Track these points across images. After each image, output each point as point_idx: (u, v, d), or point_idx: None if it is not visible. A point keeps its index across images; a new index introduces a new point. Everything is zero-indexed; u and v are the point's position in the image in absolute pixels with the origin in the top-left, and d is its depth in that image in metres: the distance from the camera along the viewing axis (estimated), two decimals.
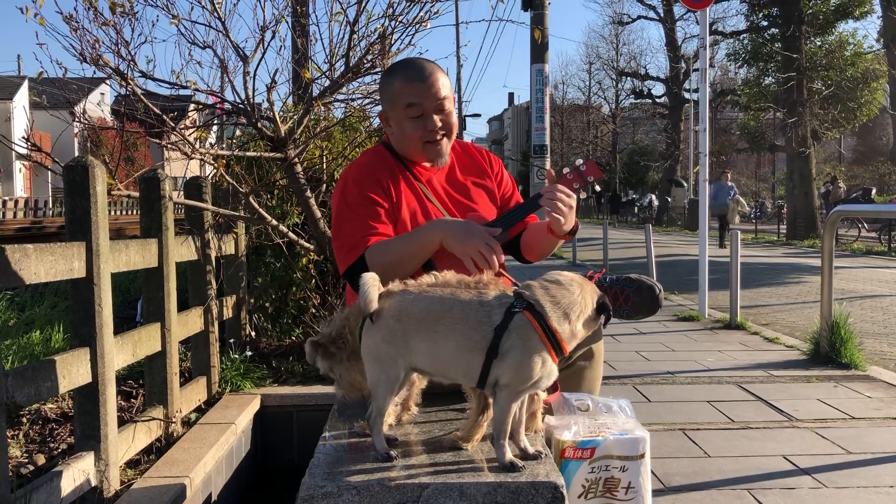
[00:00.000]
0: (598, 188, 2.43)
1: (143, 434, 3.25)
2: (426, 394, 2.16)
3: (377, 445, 1.79)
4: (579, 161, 2.38)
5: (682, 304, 8.40)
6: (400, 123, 2.43)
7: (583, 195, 2.37)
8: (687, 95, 36.61)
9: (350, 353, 1.98)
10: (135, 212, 19.44)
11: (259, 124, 4.41)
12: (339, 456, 1.86)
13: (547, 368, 1.74)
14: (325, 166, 5.10)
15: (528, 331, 1.72)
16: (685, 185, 34.04)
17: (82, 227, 2.76)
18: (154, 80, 4.24)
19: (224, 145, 5.82)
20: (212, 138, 5.45)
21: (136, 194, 3.67)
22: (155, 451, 3.33)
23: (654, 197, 38.65)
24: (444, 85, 2.42)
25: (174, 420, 3.51)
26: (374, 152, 2.56)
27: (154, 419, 3.36)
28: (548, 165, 15.64)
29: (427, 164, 2.53)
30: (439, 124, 2.41)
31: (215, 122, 5.26)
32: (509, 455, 1.74)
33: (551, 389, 2.09)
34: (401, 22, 4.43)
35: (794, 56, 21.31)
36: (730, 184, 19.42)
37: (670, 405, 4.26)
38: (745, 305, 7.76)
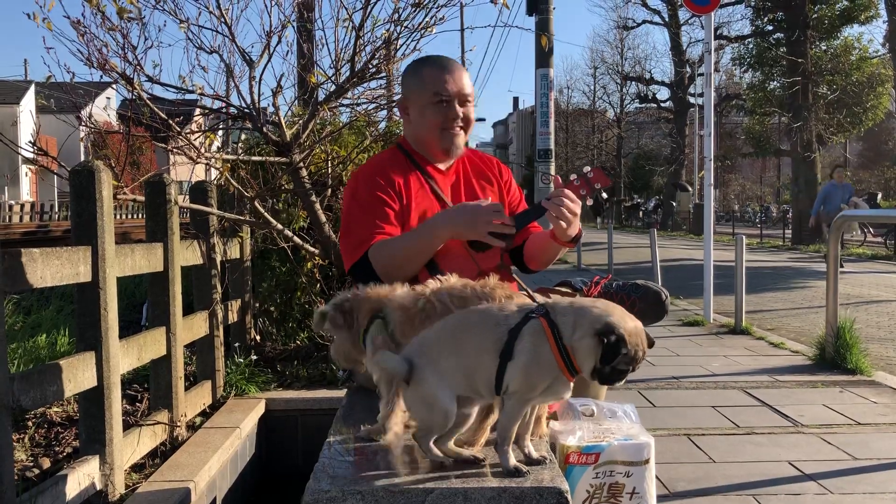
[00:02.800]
0: (604, 195, 2.42)
1: (148, 438, 3.25)
2: None
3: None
4: (586, 168, 2.38)
5: (688, 308, 8.39)
6: (422, 110, 2.48)
7: (589, 202, 2.36)
8: (692, 100, 36.53)
9: (350, 327, 1.98)
10: (140, 216, 19.50)
11: (264, 129, 4.42)
12: (343, 460, 1.86)
13: (556, 378, 1.69)
14: (330, 171, 5.11)
15: (540, 337, 1.67)
16: (690, 189, 33.98)
17: (88, 231, 2.77)
18: (160, 84, 4.27)
19: (230, 150, 5.84)
20: (217, 142, 5.46)
21: (142, 198, 3.68)
22: (160, 455, 3.34)
23: (658, 201, 38.59)
24: (469, 83, 2.52)
25: (179, 424, 3.51)
26: (388, 154, 2.60)
27: (159, 423, 3.37)
28: (552, 170, 15.63)
29: (441, 166, 2.55)
30: (461, 114, 2.48)
31: (221, 126, 5.28)
32: (513, 461, 1.73)
33: None
34: (406, 27, 4.45)
35: (800, 60, 21.29)
36: (845, 183, 15.69)
37: (675, 410, 4.25)
38: (750, 310, 7.75)
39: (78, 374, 2.64)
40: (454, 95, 2.46)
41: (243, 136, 6.13)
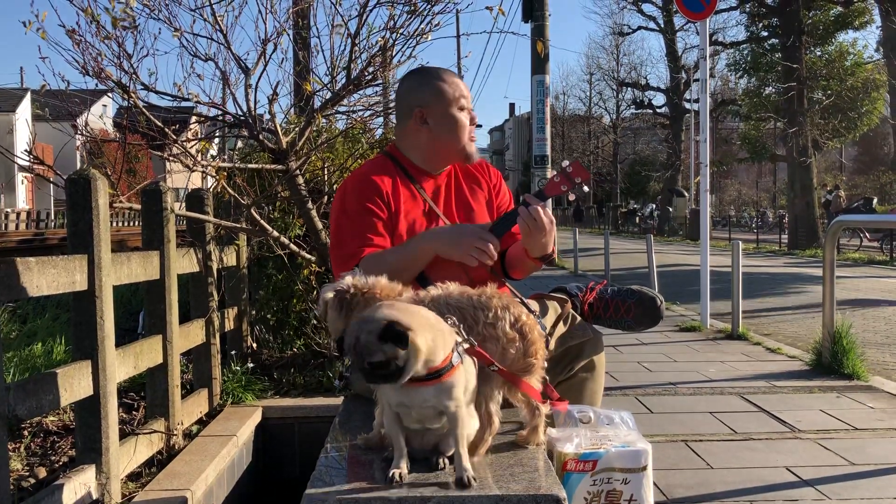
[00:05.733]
0: (586, 188, 2.42)
1: (145, 447, 3.24)
2: None
3: None
4: (565, 163, 2.39)
5: (684, 314, 8.39)
6: (450, 117, 2.49)
7: (571, 197, 2.38)
8: (687, 105, 36.64)
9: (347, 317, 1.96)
10: (136, 223, 19.48)
11: (261, 136, 4.42)
12: (340, 468, 1.86)
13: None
14: (326, 178, 5.11)
15: None
16: (686, 194, 34.03)
17: (84, 240, 2.76)
18: (156, 92, 4.27)
19: (226, 157, 5.84)
20: (213, 150, 5.46)
21: (138, 206, 3.68)
22: (156, 464, 3.33)
23: (654, 207, 38.67)
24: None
25: (175, 432, 3.50)
26: (376, 162, 2.59)
27: (155, 432, 3.36)
28: (548, 176, 15.68)
29: (432, 173, 2.55)
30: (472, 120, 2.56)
31: (217, 134, 5.28)
32: (393, 469, 1.72)
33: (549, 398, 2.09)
34: (402, 34, 4.45)
35: (795, 66, 21.34)
36: None
37: (672, 416, 4.25)
38: (746, 316, 7.76)
39: (74, 383, 2.64)
40: (469, 100, 2.54)
41: (239, 144, 6.13)
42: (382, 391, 1.74)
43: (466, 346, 1.78)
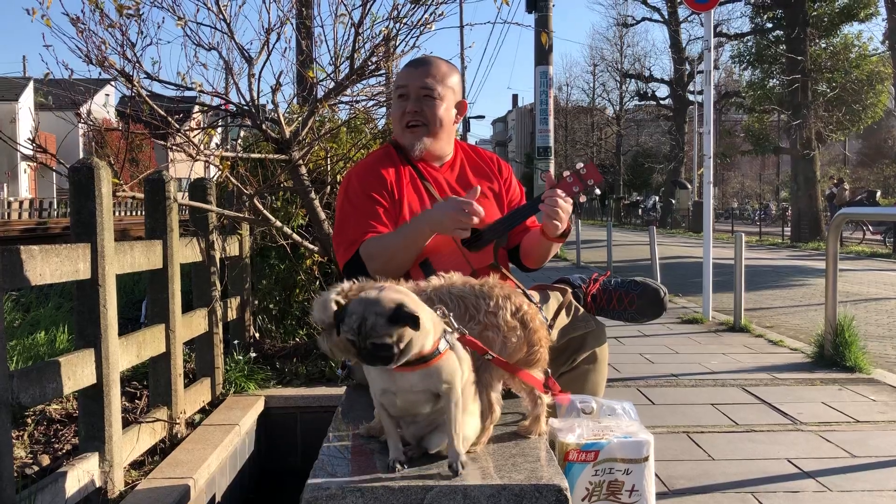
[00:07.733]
0: (598, 191, 2.41)
1: (148, 435, 3.25)
2: None
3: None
4: (580, 164, 2.38)
5: (686, 306, 8.39)
6: (392, 107, 2.56)
7: (582, 199, 2.37)
8: (691, 97, 36.53)
9: None
10: (139, 213, 19.49)
11: (264, 126, 4.42)
12: (343, 458, 1.86)
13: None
14: (329, 168, 5.10)
15: None
16: (689, 187, 33.96)
17: (87, 228, 2.76)
18: (159, 81, 4.26)
19: (229, 147, 5.83)
20: (217, 139, 5.45)
21: (141, 196, 3.68)
22: (159, 453, 3.34)
23: (657, 199, 38.62)
24: (438, 77, 2.46)
25: (178, 421, 3.51)
26: (382, 151, 2.61)
27: (158, 420, 3.36)
28: (552, 167, 15.64)
29: (434, 163, 2.55)
30: (415, 109, 2.46)
31: (220, 123, 5.27)
32: (392, 454, 1.74)
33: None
34: (405, 24, 4.44)
35: (799, 58, 21.26)
36: None
37: (674, 408, 4.25)
38: (749, 308, 7.76)
39: (77, 372, 2.64)
40: (412, 92, 2.45)
41: (242, 134, 6.13)
42: (368, 378, 1.74)
43: (457, 335, 1.77)
